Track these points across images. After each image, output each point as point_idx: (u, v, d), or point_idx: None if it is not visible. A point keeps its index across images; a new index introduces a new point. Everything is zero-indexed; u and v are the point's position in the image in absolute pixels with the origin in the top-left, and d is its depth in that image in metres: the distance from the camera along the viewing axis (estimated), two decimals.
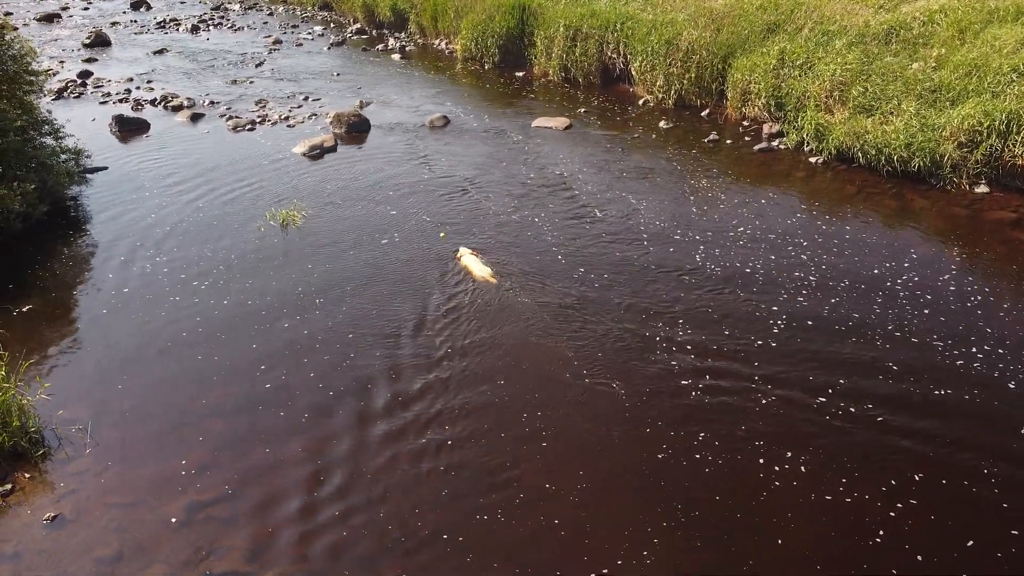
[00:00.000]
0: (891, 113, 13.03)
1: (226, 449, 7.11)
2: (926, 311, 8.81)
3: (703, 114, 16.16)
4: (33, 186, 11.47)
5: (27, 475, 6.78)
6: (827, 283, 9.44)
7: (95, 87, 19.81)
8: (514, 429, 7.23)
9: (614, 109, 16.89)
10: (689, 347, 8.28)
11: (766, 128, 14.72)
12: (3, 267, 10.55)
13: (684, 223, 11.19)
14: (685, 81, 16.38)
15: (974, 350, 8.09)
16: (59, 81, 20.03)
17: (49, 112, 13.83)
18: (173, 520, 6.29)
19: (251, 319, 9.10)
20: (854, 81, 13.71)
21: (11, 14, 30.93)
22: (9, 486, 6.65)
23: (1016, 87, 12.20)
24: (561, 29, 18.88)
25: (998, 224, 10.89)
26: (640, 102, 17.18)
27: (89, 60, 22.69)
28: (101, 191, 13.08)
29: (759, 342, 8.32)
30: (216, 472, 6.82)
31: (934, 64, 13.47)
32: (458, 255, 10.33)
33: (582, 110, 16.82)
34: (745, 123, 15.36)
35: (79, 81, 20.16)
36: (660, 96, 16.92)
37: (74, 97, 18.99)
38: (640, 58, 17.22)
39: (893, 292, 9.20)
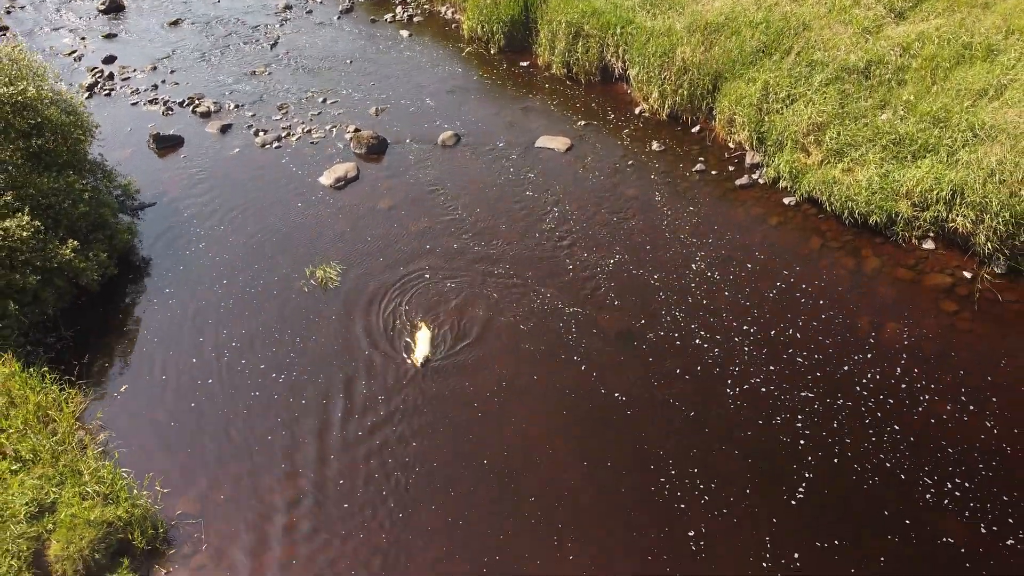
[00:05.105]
0: (858, 161, 14.53)
1: (310, 544, 9.49)
2: (896, 428, 10.66)
3: (694, 131, 17.53)
4: (105, 253, 13.33)
5: (163, 571, 9.19)
6: (826, 401, 11.13)
7: (122, 79, 20.96)
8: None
9: (613, 121, 18.18)
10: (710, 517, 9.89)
11: (748, 157, 16.20)
12: (91, 333, 12.65)
13: (687, 314, 12.90)
14: (678, 97, 17.63)
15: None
16: (87, 70, 21.21)
17: (101, 155, 15.43)
18: None
19: (325, 419, 11.21)
20: (829, 123, 15.10)
21: None
22: None
23: (968, 151, 13.69)
24: (563, 26, 19.77)
25: (934, 293, 12.76)
26: (637, 111, 18.44)
27: (109, 36, 23.57)
28: (153, 235, 14.90)
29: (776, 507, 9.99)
30: (308, 566, 9.23)
31: (903, 112, 14.79)
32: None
33: (582, 123, 18.12)
34: (731, 146, 16.79)
35: (106, 72, 21.24)
36: (655, 107, 18.19)
37: (104, 94, 20.24)
38: (638, 67, 18.32)
39: (865, 401, 11.11)
